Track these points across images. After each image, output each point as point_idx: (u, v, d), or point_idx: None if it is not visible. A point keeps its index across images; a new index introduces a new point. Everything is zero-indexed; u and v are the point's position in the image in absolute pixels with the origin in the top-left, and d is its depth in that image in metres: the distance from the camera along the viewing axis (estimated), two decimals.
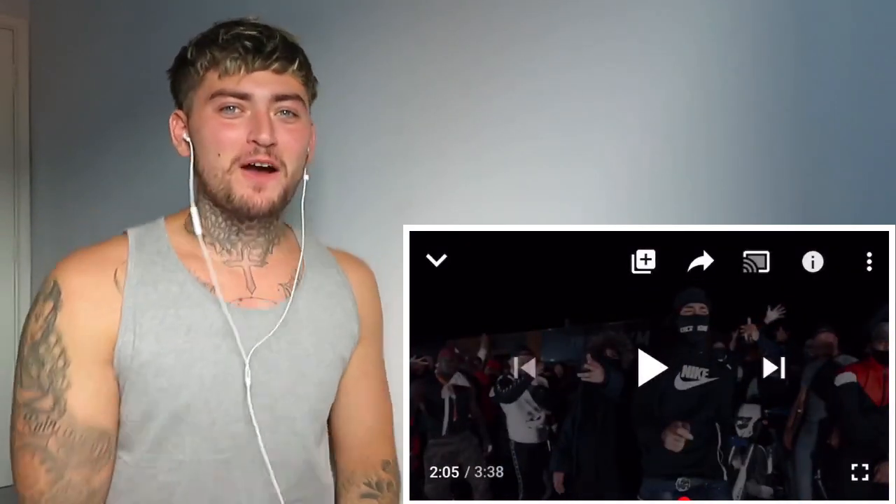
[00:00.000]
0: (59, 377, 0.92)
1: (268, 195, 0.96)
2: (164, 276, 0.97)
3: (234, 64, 0.95)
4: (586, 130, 1.02)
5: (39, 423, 0.91)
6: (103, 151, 2.23)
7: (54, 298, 0.94)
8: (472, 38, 1.16)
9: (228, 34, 0.96)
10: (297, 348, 1.02)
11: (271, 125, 0.95)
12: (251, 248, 1.03)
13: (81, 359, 0.93)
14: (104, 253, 0.98)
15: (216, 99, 0.95)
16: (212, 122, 0.96)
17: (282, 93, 0.97)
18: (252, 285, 1.02)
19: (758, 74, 0.85)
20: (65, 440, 0.91)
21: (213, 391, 0.96)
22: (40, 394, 0.92)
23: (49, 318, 0.93)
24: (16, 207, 2.78)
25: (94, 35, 2.29)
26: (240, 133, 0.95)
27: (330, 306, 1.08)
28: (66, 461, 0.91)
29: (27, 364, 0.93)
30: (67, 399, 0.92)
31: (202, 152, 0.97)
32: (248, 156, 0.95)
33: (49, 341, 0.92)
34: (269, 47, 0.96)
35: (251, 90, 0.95)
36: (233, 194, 0.96)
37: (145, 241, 1.00)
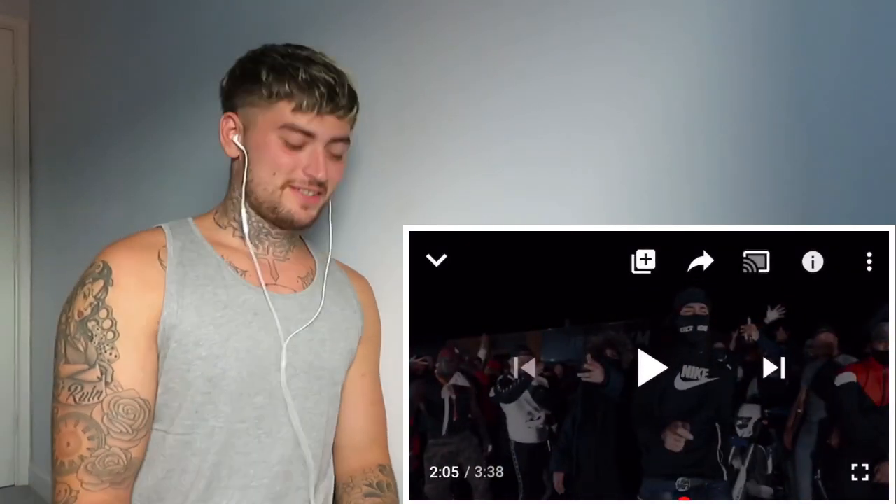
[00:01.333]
0: (107, 349, 0.97)
1: (311, 213, 1.10)
2: (199, 260, 1.07)
3: (310, 105, 1.05)
4: (586, 130, 1.02)
5: (85, 394, 0.96)
6: (103, 151, 2.23)
7: (105, 277, 1.00)
8: (473, 38, 1.16)
9: (307, 73, 1.05)
10: (313, 333, 1.11)
11: (326, 164, 1.08)
12: (276, 247, 1.15)
13: (130, 332, 0.99)
14: (145, 238, 1.07)
15: (285, 130, 1.06)
16: (275, 147, 1.06)
17: (339, 136, 1.09)
18: (276, 274, 1.13)
19: (757, 74, 0.85)
20: (109, 409, 0.96)
21: (245, 363, 1.04)
22: (86, 366, 0.97)
23: (100, 296, 0.99)
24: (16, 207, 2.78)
25: (94, 35, 2.29)
26: (297, 161, 1.07)
27: (340, 302, 1.19)
28: (109, 429, 0.96)
29: (73, 339, 0.98)
30: (115, 370, 0.97)
31: (257, 166, 1.08)
32: (302, 184, 1.08)
33: (99, 316, 0.98)
34: (341, 97, 1.07)
35: (317, 131, 1.06)
36: (280, 207, 1.08)
37: (178, 231, 1.10)
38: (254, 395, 1.05)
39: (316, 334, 1.12)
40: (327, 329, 1.14)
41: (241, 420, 1.04)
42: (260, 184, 1.08)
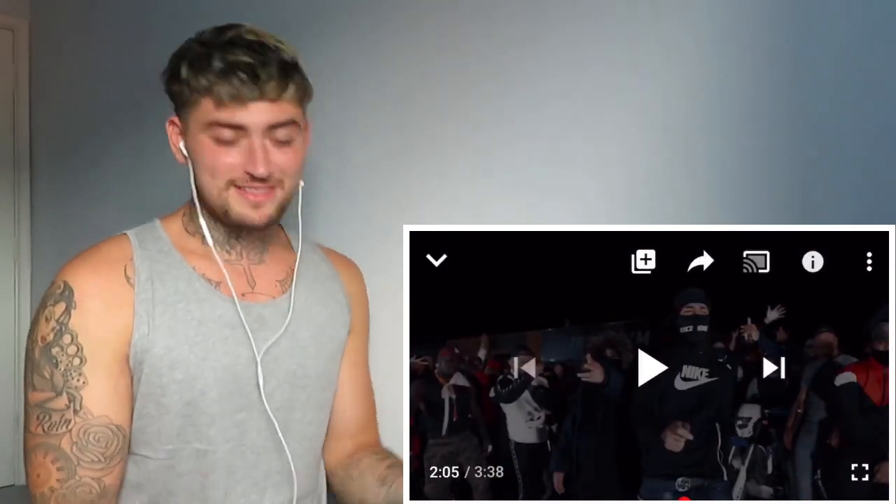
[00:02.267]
0: (74, 376, 0.93)
1: (265, 212, 0.98)
2: (169, 272, 0.99)
3: (231, 96, 0.93)
4: (586, 130, 1.02)
5: (53, 423, 0.92)
6: (103, 151, 2.23)
7: (66, 300, 0.94)
8: (472, 38, 1.16)
9: (224, 60, 0.93)
10: (294, 341, 1.05)
11: (266, 156, 0.95)
12: (250, 249, 1.07)
13: (98, 357, 0.93)
14: (109, 251, 0.99)
15: (212, 129, 0.95)
16: (207, 149, 0.96)
17: (276, 122, 0.96)
18: (252, 281, 1.06)
19: (757, 74, 0.85)
20: (78, 438, 0.92)
21: (223, 382, 0.99)
22: (53, 394, 0.93)
23: (62, 320, 0.93)
24: (16, 207, 2.78)
25: (94, 35, 2.29)
26: (234, 160, 0.96)
27: (324, 298, 1.12)
28: (79, 459, 0.92)
29: (38, 366, 0.93)
30: (83, 397, 0.93)
31: (198, 171, 0.99)
32: (244, 181, 0.96)
33: (63, 342, 0.93)
34: (264, 76, 0.93)
35: (246, 121, 0.94)
36: (230, 211, 0.98)
37: (146, 239, 1.02)
38: (235, 412, 1.00)
39: (298, 342, 1.05)
40: (310, 334, 1.07)
41: (226, 440, 1.00)
42: (205, 189, 0.98)
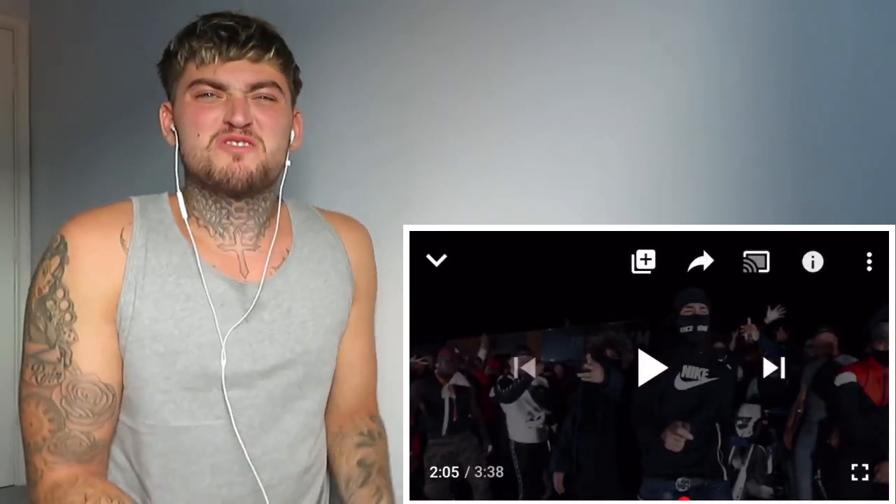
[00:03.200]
0: (65, 331, 0.94)
1: (245, 164, 0.98)
2: (166, 245, 1.00)
3: (210, 53, 0.97)
4: (586, 130, 1.01)
5: (46, 375, 0.94)
6: (103, 151, 2.23)
7: (61, 254, 0.96)
8: (472, 37, 1.16)
9: (206, 25, 0.98)
10: (291, 318, 1.05)
11: (246, 107, 0.97)
12: (243, 232, 1.05)
13: (87, 315, 0.95)
14: (110, 214, 1.01)
15: (194, 87, 0.98)
16: (190, 108, 0.98)
17: (257, 81, 0.98)
18: (245, 269, 1.05)
19: (758, 74, 0.85)
20: (68, 392, 0.94)
21: (209, 359, 0.98)
22: (47, 347, 0.95)
23: (56, 273, 0.95)
24: (16, 207, 2.78)
25: (94, 35, 2.29)
26: (216, 114, 0.97)
27: (323, 271, 1.10)
28: (68, 413, 0.94)
29: (35, 317, 0.96)
30: (74, 352, 0.94)
31: (184, 136, 1.00)
32: (225, 134, 0.97)
33: (56, 296, 0.95)
34: (244, 36, 0.97)
35: (226, 79, 0.97)
36: (212, 168, 0.98)
37: (149, 208, 1.03)
38: (229, 388, 0.99)
39: (295, 318, 1.05)
40: (308, 309, 1.06)
41: (215, 416, 0.99)
42: (190, 152, 0.99)
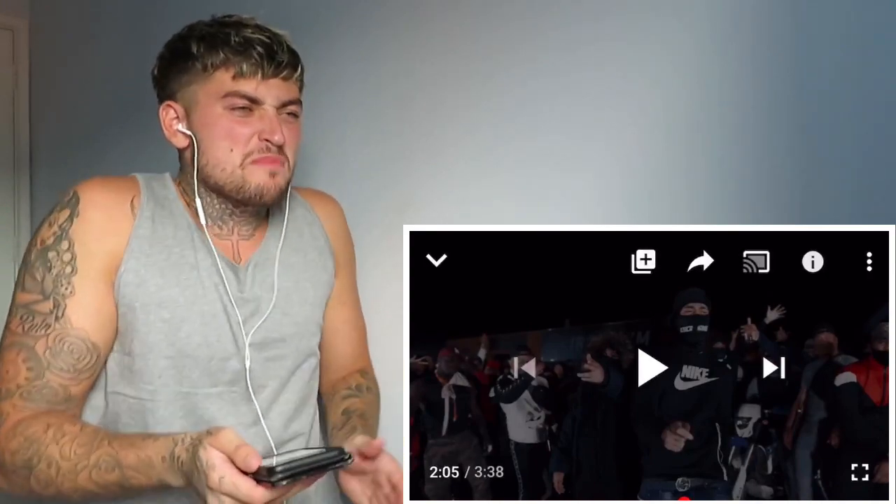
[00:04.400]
0: (63, 283, 0.94)
1: (278, 181, 1.02)
2: (172, 218, 1.03)
3: (250, 69, 0.98)
4: (587, 131, 1.02)
5: (34, 325, 0.94)
6: (103, 151, 2.23)
7: (72, 207, 0.97)
8: (472, 39, 1.16)
9: (240, 36, 0.99)
10: (275, 290, 1.07)
11: (281, 127, 1.00)
12: (242, 225, 1.08)
13: (89, 271, 0.95)
14: (120, 181, 1.03)
15: (229, 99, 0.99)
16: (224, 120, 0.99)
17: (289, 99, 1.02)
18: (238, 257, 1.08)
19: (757, 74, 0.85)
20: (53, 344, 0.93)
21: (212, 327, 1.01)
22: (41, 297, 0.94)
23: (64, 226, 0.96)
24: (16, 207, 2.78)
25: (95, 35, 2.29)
26: (251, 130, 0.99)
27: (302, 247, 1.14)
28: (49, 363, 0.93)
29: (33, 267, 0.95)
30: (67, 305, 0.94)
31: (210, 146, 1.00)
32: (261, 153, 1.00)
33: (60, 247, 0.95)
34: (280, 56, 1.00)
35: (264, 97, 1.00)
36: (246, 186, 1.00)
37: (154, 185, 1.05)
38: (227, 358, 1.02)
39: (280, 291, 1.07)
40: (291, 282, 1.10)
41: (214, 384, 1.01)
42: (217, 165, 1.00)
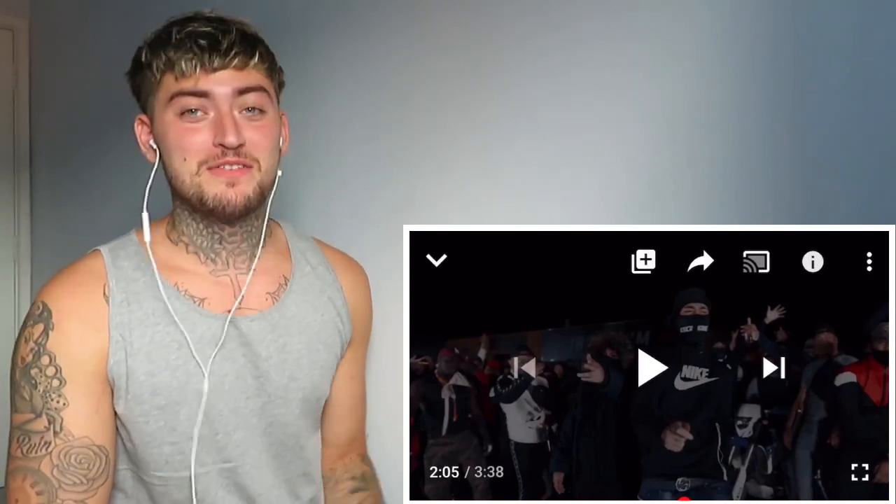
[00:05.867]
0: (53, 397, 0.90)
1: (242, 189, 0.92)
2: (146, 292, 0.95)
3: (190, 64, 0.89)
4: (586, 130, 1.01)
5: (32, 445, 0.89)
6: (103, 151, 2.23)
7: (45, 321, 0.91)
8: (472, 37, 1.16)
9: (182, 32, 0.91)
10: (287, 353, 1.01)
11: (237, 125, 0.90)
12: (236, 256, 1.00)
13: (78, 378, 0.91)
14: (85, 270, 0.95)
15: (175, 101, 0.91)
16: (174, 128, 0.91)
17: (244, 86, 0.91)
18: (238, 294, 1.00)
19: (757, 74, 0.85)
20: (60, 460, 0.89)
21: (211, 403, 0.95)
22: (33, 416, 0.90)
23: (40, 341, 0.91)
24: (16, 207, 2.78)
25: (94, 35, 2.29)
26: (205, 137, 0.91)
27: (320, 306, 1.06)
28: (60, 482, 0.89)
29: (19, 387, 0.91)
30: (64, 418, 0.90)
31: (169, 159, 0.94)
32: (216, 159, 0.91)
33: (41, 363, 0.90)
34: (226, 43, 0.90)
35: (210, 88, 0.90)
36: (205, 195, 0.92)
37: (119, 256, 0.97)
38: (232, 431, 0.97)
39: (290, 354, 1.01)
40: (303, 344, 1.02)
41: (225, 460, 0.97)
42: (178, 177, 0.92)
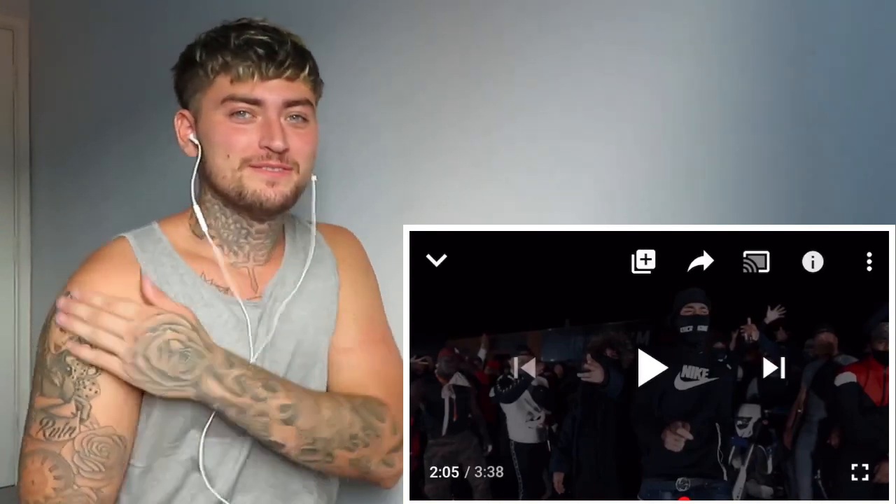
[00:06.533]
0: (87, 384, 0.92)
1: (281, 189, 0.97)
2: (174, 276, 0.99)
3: (247, 70, 0.95)
4: (587, 130, 1.02)
5: (56, 429, 0.91)
6: (103, 151, 2.23)
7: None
8: (474, 39, 1.16)
9: (240, 38, 0.96)
10: (292, 323, 1.04)
11: (283, 131, 0.96)
12: (257, 251, 1.05)
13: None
14: (116, 254, 0.99)
15: (227, 104, 0.96)
16: (222, 127, 0.96)
17: (293, 99, 0.97)
18: (255, 284, 1.04)
19: (757, 74, 0.85)
20: (81, 447, 0.91)
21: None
22: (61, 401, 0.92)
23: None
24: (16, 208, 2.78)
25: (94, 35, 2.29)
26: (251, 138, 0.96)
27: (322, 274, 1.09)
28: (79, 468, 0.91)
29: (50, 372, 0.93)
30: (93, 406, 0.91)
31: (211, 155, 0.98)
32: (260, 159, 0.96)
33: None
34: (282, 55, 0.96)
35: (263, 97, 0.95)
36: (245, 190, 0.96)
37: (145, 242, 1.01)
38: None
39: (295, 321, 1.04)
40: (309, 312, 1.05)
41: (240, 434, 0.99)
42: (218, 173, 0.97)
